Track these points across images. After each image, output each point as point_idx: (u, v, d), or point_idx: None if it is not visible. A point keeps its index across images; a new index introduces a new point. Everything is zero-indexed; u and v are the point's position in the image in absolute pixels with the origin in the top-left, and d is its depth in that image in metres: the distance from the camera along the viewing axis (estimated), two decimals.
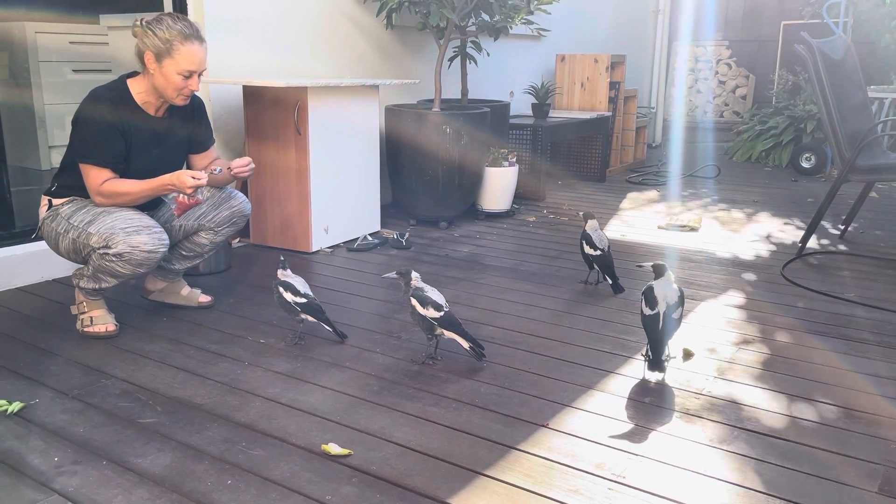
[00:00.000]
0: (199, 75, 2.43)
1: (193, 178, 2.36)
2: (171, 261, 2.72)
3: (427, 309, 2.24)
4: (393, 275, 2.34)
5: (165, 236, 2.42)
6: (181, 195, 2.43)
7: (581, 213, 3.08)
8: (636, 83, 7.33)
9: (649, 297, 2.22)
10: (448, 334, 2.26)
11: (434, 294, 2.27)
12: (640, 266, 2.37)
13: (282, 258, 2.50)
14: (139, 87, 2.45)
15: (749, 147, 6.96)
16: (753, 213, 4.67)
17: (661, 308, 2.18)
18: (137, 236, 2.34)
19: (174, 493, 1.61)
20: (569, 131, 5.35)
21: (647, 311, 2.21)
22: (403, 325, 2.62)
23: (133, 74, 2.47)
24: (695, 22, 8.38)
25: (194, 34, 2.39)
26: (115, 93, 2.43)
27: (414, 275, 2.31)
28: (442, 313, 2.23)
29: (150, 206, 2.56)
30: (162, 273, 2.75)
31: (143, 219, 2.40)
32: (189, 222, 2.66)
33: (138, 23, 2.38)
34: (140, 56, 2.40)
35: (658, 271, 2.27)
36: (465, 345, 2.25)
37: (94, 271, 2.42)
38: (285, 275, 2.44)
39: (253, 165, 2.61)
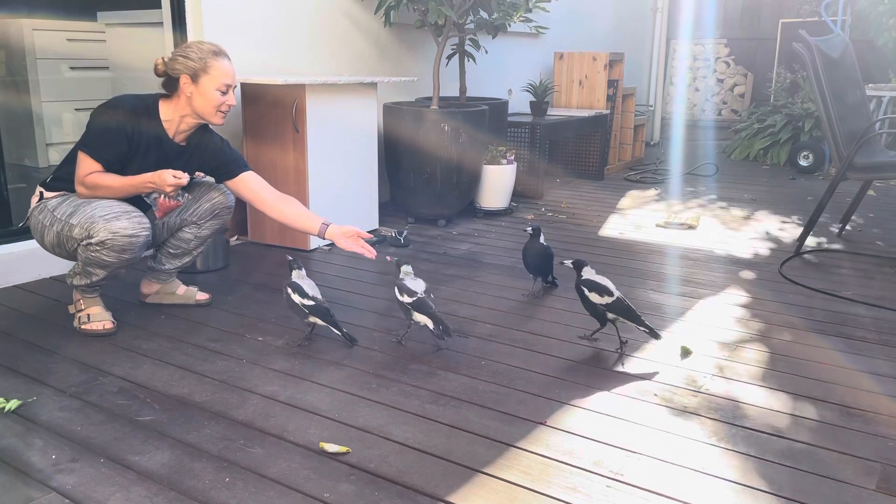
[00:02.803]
0: (233, 90, 2.48)
1: (175, 177, 2.36)
2: (160, 261, 2.72)
3: (402, 296, 2.37)
4: (389, 258, 2.52)
5: (146, 220, 2.42)
6: (162, 195, 2.44)
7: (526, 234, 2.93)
8: (635, 81, 7.33)
9: (599, 288, 2.38)
10: (421, 318, 2.34)
11: (411, 282, 2.38)
12: (562, 263, 2.55)
13: (290, 258, 2.49)
14: (168, 108, 2.48)
15: (747, 145, 6.97)
16: (752, 211, 4.68)
17: (616, 292, 2.37)
18: (117, 222, 2.34)
19: (172, 491, 1.61)
20: (567, 129, 5.35)
21: (608, 300, 2.36)
22: (402, 324, 2.62)
23: (168, 97, 2.49)
24: (693, 20, 8.37)
25: (222, 52, 2.47)
26: (143, 103, 2.46)
27: (404, 269, 2.44)
28: (414, 298, 2.33)
29: (139, 207, 2.54)
30: (155, 275, 2.75)
31: (123, 205, 2.40)
32: (172, 218, 2.66)
33: (160, 60, 2.45)
34: (171, 85, 2.45)
35: (579, 266, 2.46)
36: (431, 325, 2.32)
37: (83, 265, 2.42)
38: (298, 275, 2.44)
39: (370, 254, 2.51)
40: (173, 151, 2.52)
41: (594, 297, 2.38)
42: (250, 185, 2.63)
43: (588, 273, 2.45)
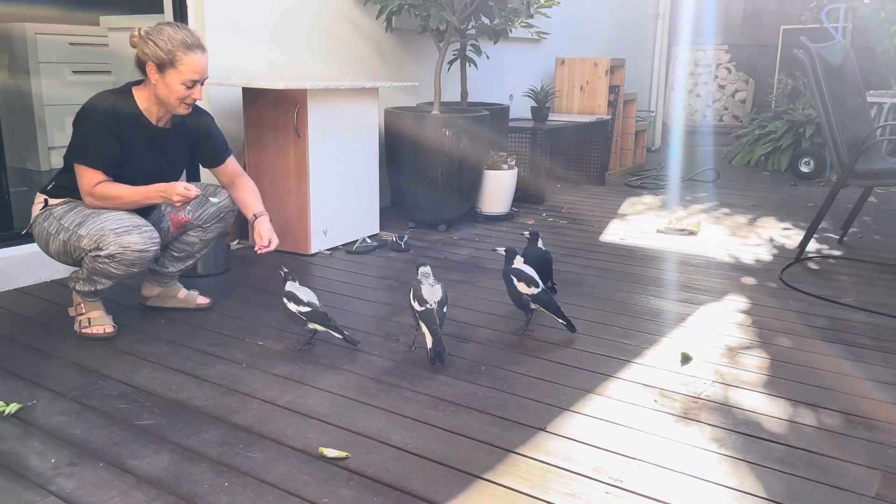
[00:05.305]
0: (202, 83, 2.43)
1: (185, 188, 2.35)
2: (163, 264, 2.72)
3: (414, 302, 2.35)
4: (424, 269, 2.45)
5: (156, 235, 2.41)
6: (171, 209, 2.42)
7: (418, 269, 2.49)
8: (636, 87, 7.34)
9: (527, 278, 2.51)
10: (424, 330, 2.32)
11: (428, 290, 2.35)
12: (494, 250, 2.63)
13: (285, 270, 2.48)
14: (142, 95, 2.45)
15: (748, 151, 6.97)
16: (752, 217, 4.68)
17: (541, 284, 2.55)
18: (128, 236, 2.34)
19: (171, 496, 1.61)
20: (568, 134, 5.35)
21: (534, 291, 2.51)
22: (402, 328, 2.62)
23: (139, 82, 2.47)
24: (694, 26, 8.38)
25: (196, 43, 2.38)
26: (119, 97, 2.44)
27: (422, 270, 2.41)
28: (423, 308, 2.31)
29: (143, 211, 2.54)
30: (157, 278, 2.75)
31: (134, 218, 2.40)
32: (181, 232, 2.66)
33: (136, 33, 2.38)
34: (141, 66, 2.40)
35: (511, 254, 2.56)
36: (429, 343, 2.28)
37: (89, 274, 2.41)
38: (292, 286, 2.43)
39: (272, 248, 2.56)
40: (159, 135, 2.49)
41: (521, 287, 2.53)
42: (226, 170, 2.70)
43: (518, 263, 2.58)
